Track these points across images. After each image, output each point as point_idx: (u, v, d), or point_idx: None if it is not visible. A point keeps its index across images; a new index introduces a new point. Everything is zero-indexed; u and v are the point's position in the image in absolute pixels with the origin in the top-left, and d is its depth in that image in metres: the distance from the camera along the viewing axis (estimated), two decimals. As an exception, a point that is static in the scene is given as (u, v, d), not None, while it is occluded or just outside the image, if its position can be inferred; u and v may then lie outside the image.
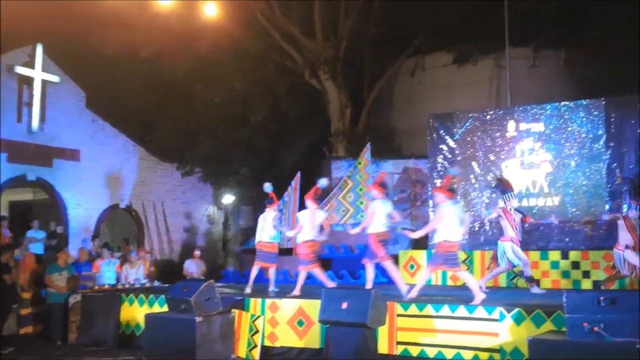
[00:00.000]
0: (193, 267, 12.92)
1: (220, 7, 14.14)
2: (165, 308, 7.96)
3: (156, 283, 11.15)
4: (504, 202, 9.25)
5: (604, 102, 11.25)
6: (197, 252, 13.36)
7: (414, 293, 7.76)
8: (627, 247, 8.73)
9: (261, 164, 17.58)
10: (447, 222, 7.66)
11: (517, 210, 9.45)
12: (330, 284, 8.67)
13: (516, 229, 9.09)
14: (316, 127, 18.09)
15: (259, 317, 8.06)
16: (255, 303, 8.24)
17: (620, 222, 8.92)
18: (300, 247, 8.84)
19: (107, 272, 11.29)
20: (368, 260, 8.41)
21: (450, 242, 7.65)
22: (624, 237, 8.78)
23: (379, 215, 8.29)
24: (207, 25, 14.61)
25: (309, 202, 8.94)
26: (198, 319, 7.11)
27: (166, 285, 10.23)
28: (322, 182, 9.21)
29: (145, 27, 14.79)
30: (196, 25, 14.66)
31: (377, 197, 8.54)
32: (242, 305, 8.25)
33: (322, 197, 9.00)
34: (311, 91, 17.58)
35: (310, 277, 9.18)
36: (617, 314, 5.28)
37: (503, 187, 9.43)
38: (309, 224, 8.75)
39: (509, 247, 9.04)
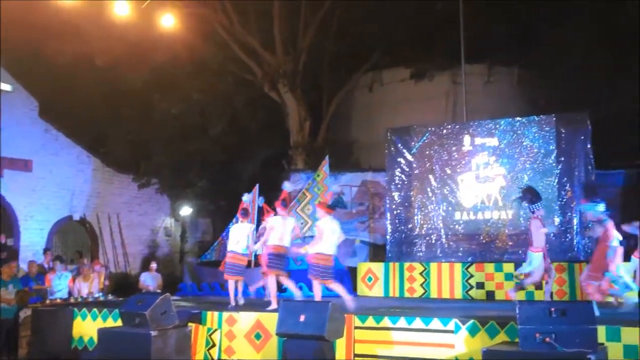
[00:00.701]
0: (149, 280, 12.71)
1: (178, 18, 14.04)
2: (120, 322, 7.80)
3: (110, 297, 10.92)
4: (533, 211, 9.02)
5: (554, 119, 11.59)
6: (154, 265, 13.16)
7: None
8: None
9: (219, 176, 17.48)
10: (325, 236, 8.34)
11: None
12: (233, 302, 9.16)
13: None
14: (275, 140, 18.10)
15: (215, 330, 7.98)
16: (212, 316, 8.15)
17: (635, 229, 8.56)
18: (226, 259, 9.42)
19: (59, 285, 11.01)
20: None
21: (324, 254, 8.35)
22: None
23: (275, 231, 8.86)
24: (164, 36, 14.49)
25: (239, 217, 9.59)
26: (153, 333, 6.97)
27: (121, 299, 10.03)
28: (245, 197, 9.69)
29: (101, 36, 14.58)
30: (154, 35, 14.52)
31: (280, 214, 9.05)
32: (199, 319, 8.15)
33: (247, 212, 9.72)
34: (270, 104, 17.59)
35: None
36: (568, 324, 5.43)
37: (531, 196, 9.15)
38: (234, 237, 9.34)
39: (539, 257, 8.87)
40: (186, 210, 17.97)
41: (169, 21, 13.68)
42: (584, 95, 14.14)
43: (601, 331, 5.91)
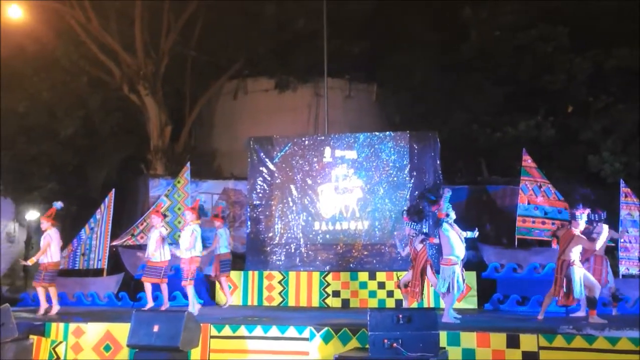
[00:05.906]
0: (-14, 291, 11.71)
1: (27, 10, 13.00)
2: (-51, 337, 7.11)
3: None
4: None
5: (408, 135, 12.28)
6: (-9, 274, 12.15)
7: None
8: None
9: (71, 179, 16.50)
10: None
11: None
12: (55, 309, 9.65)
13: None
14: (134, 143, 17.44)
15: (60, 343, 7.54)
16: (57, 328, 7.71)
17: None
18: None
19: None
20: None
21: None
22: None
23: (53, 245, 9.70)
24: (9, 28, 13.36)
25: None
26: (-11, 347, 6.48)
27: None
28: (57, 204, 9.97)
29: None
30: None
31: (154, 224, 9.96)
32: (42, 331, 7.67)
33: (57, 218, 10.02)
34: (128, 106, 16.93)
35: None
36: (413, 330, 5.76)
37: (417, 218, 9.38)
38: (54, 244, 9.75)
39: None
40: (32, 215, 16.75)
41: (15, 12, 12.64)
42: (431, 116, 15.19)
43: (443, 336, 6.34)
